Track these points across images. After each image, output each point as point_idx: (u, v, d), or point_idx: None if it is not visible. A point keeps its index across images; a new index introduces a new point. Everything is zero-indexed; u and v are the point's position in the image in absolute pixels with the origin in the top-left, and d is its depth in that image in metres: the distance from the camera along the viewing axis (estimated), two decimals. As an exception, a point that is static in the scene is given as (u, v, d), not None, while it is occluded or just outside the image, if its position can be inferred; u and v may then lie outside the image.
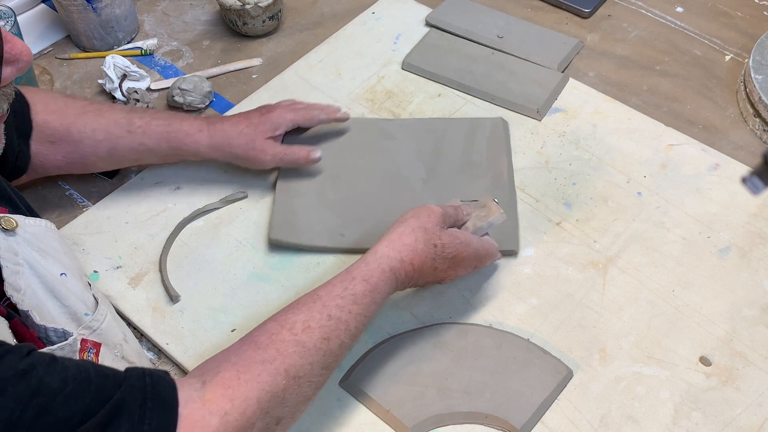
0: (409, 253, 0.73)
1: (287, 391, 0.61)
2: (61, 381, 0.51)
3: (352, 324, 0.67)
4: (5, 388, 0.48)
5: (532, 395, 0.76)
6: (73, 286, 0.68)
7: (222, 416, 0.57)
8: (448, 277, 0.78)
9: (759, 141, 1.01)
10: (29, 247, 0.66)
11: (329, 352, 0.65)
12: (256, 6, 1.11)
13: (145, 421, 0.53)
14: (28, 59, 0.54)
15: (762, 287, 0.85)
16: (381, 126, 1.00)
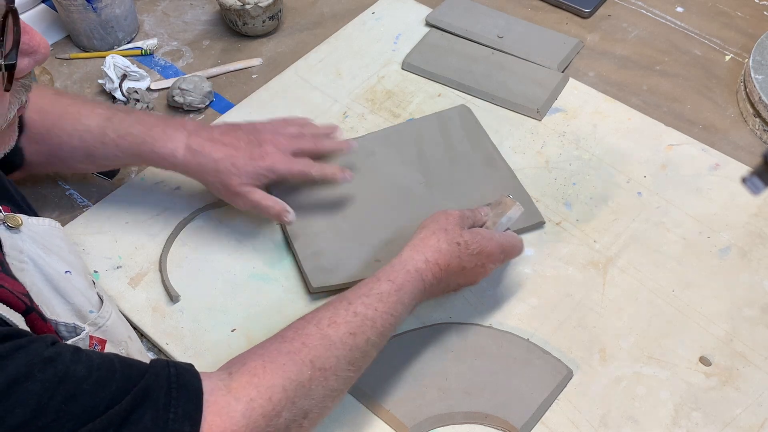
0: (434, 254, 0.74)
1: (313, 382, 0.62)
2: (86, 369, 0.52)
3: (378, 321, 0.68)
4: (32, 373, 0.49)
5: (532, 395, 0.76)
6: (78, 284, 0.68)
7: (248, 402, 0.58)
8: (478, 275, 0.78)
9: (759, 141, 1.01)
10: (34, 244, 0.66)
11: (355, 347, 0.66)
12: (256, 6, 1.11)
13: (171, 408, 0.54)
14: (46, 52, 0.55)
15: (762, 287, 0.85)
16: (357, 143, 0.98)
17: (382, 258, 0.87)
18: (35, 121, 0.84)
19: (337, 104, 1.06)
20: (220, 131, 0.84)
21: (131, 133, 0.82)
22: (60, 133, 0.83)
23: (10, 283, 0.60)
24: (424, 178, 0.95)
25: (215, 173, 0.81)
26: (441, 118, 1.01)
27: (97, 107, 0.84)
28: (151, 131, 0.82)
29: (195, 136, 0.82)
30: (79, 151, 0.84)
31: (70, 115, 0.83)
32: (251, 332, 0.82)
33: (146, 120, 0.83)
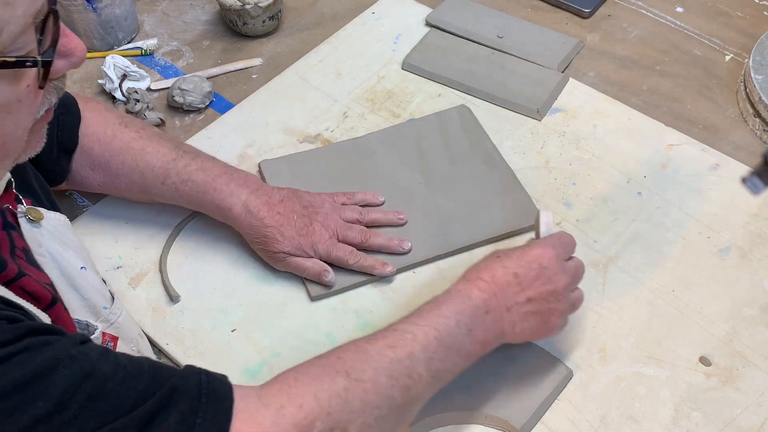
0: (473, 272, 0.71)
1: (349, 393, 0.59)
2: (113, 368, 0.51)
3: (419, 335, 0.64)
4: (57, 368, 0.48)
5: (532, 395, 0.76)
6: (92, 280, 0.69)
7: (278, 409, 0.56)
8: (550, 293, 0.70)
9: (759, 141, 1.01)
10: (53, 239, 0.66)
11: (396, 359, 0.62)
12: (256, 6, 1.11)
13: (198, 413, 0.52)
14: (82, 55, 0.55)
15: (762, 287, 0.85)
16: (357, 144, 0.98)
17: (383, 258, 0.87)
18: (94, 150, 0.83)
19: (337, 104, 1.06)
20: (279, 196, 0.84)
21: (194, 180, 0.82)
22: (120, 167, 0.83)
23: (35, 273, 0.61)
24: (423, 178, 0.95)
25: (262, 237, 0.83)
26: (441, 118, 1.01)
27: (161, 145, 0.83)
28: (214, 182, 0.82)
29: (254, 196, 0.82)
30: (136, 186, 0.84)
31: (133, 151, 0.82)
32: (251, 332, 0.82)
33: (210, 168, 0.83)
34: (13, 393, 0.46)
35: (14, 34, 0.48)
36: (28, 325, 0.51)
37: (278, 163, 0.96)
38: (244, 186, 0.83)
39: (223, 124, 1.03)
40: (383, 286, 0.86)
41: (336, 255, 0.84)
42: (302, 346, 0.81)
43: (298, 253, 0.83)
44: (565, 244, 0.74)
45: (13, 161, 0.56)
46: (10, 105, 0.50)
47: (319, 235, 0.83)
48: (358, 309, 0.84)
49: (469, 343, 0.67)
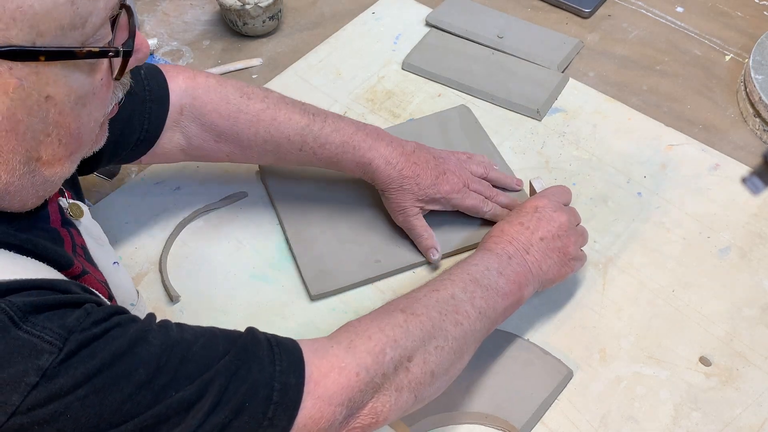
0: (492, 230, 0.79)
1: (409, 323, 0.64)
2: (192, 335, 0.56)
3: (456, 279, 0.71)
4: (148, 338, 0.53)
5: (532, 395, 0.76)
6: (123, 276, 0.71)
7: (348, 342, 0.61)
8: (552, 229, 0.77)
9: (759, 141, 1.01)
10: (88, 235, 0.67)
11: (441, 299, 0.68)
12: (256, 6, 1.11)
13: (276, 362, 0.57)
14: (147, 51, 0.57)
15: (762, 287, 0.85)
16: None
17: (382, 258, 0.87)
18: (219, 125, 0.82)
19: (337, 104, 1.06)
20: (411, 147, 0.86)
21: (332, 142, 0.83)
22: (253, 138, 0.83)
23: (93, 270, 0.63)
24: None
25: (398, 188, 0.85)
26: (441, 118, 1.01)
27: (291, 112, 0.84)
28: (352, 140, 0.84)
29: (391, 148, 0.84)
30: (270, 155, 0.85)
31: (264, 123, 0.83)
32: (251, 332, 0.82)
33: (344, 128, 0.84)
34: (116, 361, 0.50)
35: (96, 25, 0.50)
36: (113, 306, 0.55)
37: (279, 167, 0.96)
38: (379, 140, 0.85)
39: (223, 124, 1.03)
40: (383, 286, 0.86)
41: (470, 203, 0.87)
42: (302, 346, 0.81)
43: (428, 207, 0.86)
44: (554, 193, 0.81)
45: (83, 155, 0.57)
46: (86, 96, 0.52)
47: (453, 184, 0.86)
48: (358, 309, 0.84)
49: (504, 282, 0.73)
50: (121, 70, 0.54)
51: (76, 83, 0.51)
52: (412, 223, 0.86)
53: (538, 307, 0.84)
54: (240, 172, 0.96)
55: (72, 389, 0.48)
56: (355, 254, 0.87)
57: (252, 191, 0.95)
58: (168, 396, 0.52)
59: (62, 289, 0.52)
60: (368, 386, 0.60)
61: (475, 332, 0.69)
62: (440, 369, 0.65)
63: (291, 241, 0.89)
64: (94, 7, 0.49)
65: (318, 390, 0.58)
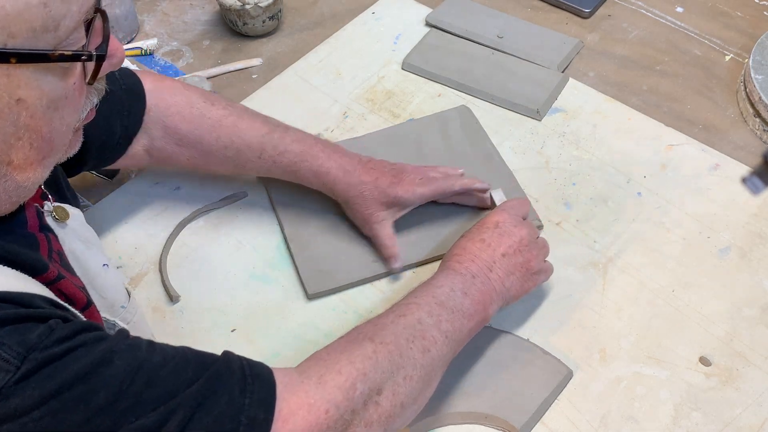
0: (446, 255, 0.77)
1: (378, 354, 0.63)
2: (162, 358, 0.54)
3: (422, 303, 0.70)
4: (113, 359, 0.51)
5: (532, 395, 0.76)
6: (113, 278, 0.70)
7: (318, 377, 0.60)
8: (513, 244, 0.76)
9: (759, 141, 1.01)
10: (76, 238, 0.67)
11: (408, 325, 0.67)
12: (256, 6, 1.11)
13: (246, 394, 0.55)
14: (122, 56, 0.57)
15: (762, 287, 0.85)
16: (357, 145, 0.98)
17: (379, 259, 0.87)
18: (182, 129, 0.83)
19: (337, 104, 1.06)
20: (366, 158, 0.87)
21: (291, 150, 0.85)
22: (213, 143, 0.84)
23: (70, 276, 0.61)
24: None
25: (359, 195, 0.85)
26: (441, 119, 1.01)
27: (253, 121, 0.85)
28: (311, 150, 0.85)
29: (347, 158, 0.86)
30: (231, 161, 0.86)
31: (226, 128, 0.84)
32: (251, 332, 0.82)
33: (304, 139, 0.86)
34: (76, 383, 0.49)
35: (69, 29, 0.49)
36: (80, 323, 0.53)
37: None
38: (336, 152, 0.86)
39: (223, 124, 1.03)
40: (383, 286, 0.86)
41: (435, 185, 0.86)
42: (302, 346, 0.81)
43: (391, 213, 0.86)
44: (513, 207, 0.81)
45: (56, 160, 0.57)
46: (59, 100, 0.51)
47: (412, 177, 0.86)
48: (358, 309, 0.84)
49: (469, 303, 0.72)
50: (94, 75, 0.53)
51: (48, 87, 0.50)
52: (376, 230, 0.86)
53: (538, 307, 0.84)
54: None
55: (27, 411, 0.47)
56: (352, 254, 0.87)
57: (252, 191, 0.95)
58: (128, 422, 0.50)
59: (26, 303, 0.50)
60: (337, 423, 0.59)
61: (442, 357, 0.68)
62: (409, 399, 0.64)
63: (289, 240, 0.89)
64: (68, 10, 0.48)
65: (286, 427, 0.56)
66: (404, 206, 0.86)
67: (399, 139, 0.99)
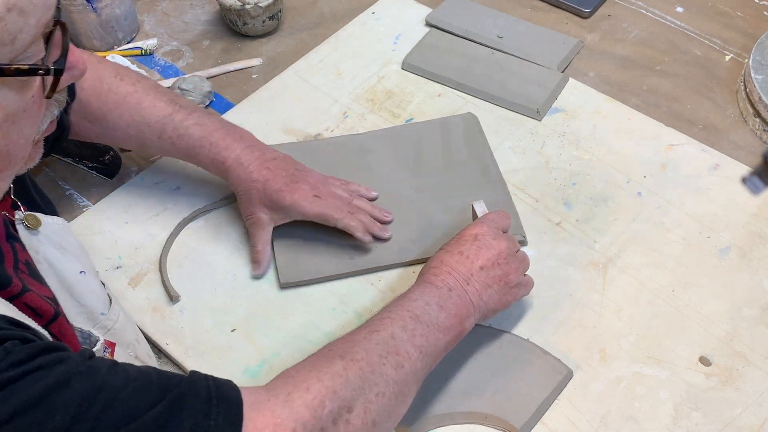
0: (425, 267, 0.76)
1: (349, 371, 0.62)
2: (123, 380, 0.52)
3: (396, 317, 0.68)
4: (70, 382, 0.49)
5: (532, 395, 0.76)
6: (91, 285, 0.68)
7: (286, 395, 0.58)
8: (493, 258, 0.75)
9: (759, 141, 1.01)
10: (50, 245, 0.66)
11: (381, 341, 0.66)
12: (256, 6, 1.11)
13: (211, 416, 0.53)
14: (84, 68, 0.56)
15: (762, 287, 0.85)
16: (357, 142, 0.99)
17: (355, 256, 0.87)
18: (91, 102, 0.84)
19: (337, 104, 1.06)
20: (272, 155, 0.86)
21: (190, 134, 0.84)
22: (117, 121, 0.84)
23: (37, 287, 0.60)
24: (416, 182, 0.94)
25: (245, 192, 0.84)
26: (444, 124, 1.01)
27: (158, 100, 0.85)
28: (210, 136, 0.84)
29: (248, 150, 0.84)
30: (133, 139, 0.86)
31: (129, 105, 0.84)
32: (251, 332, 0.82)
33: (207, 124, 0.85)
34: (31, 408, 0.47)
35: (26, 42, 0.48)
36: (40, 344, 0.51)
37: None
38: (239, 141, 0.85)
39: (223, 124, 1.03)
40: (383, 286, 0.86)
41: (316, 210, 0.84)
42: (302, 346, 0.81)
43: (274, 217, 0.85)
44: (493, 219, 0.79)
45: (15, 172, 0.56)
46: (16, 114, 0.51)
47: (303, 192, 0.84)
48: (358, 309, 0.84)
49: (444, 317, 0.71)
50: (52, 88, 0.52)
51: (5, 101, 0.49)
52: (252, 230, 0.86)
53: (538, 308, 0.84)
54: (240, 172, 0.96)
55: None
56: (330, 248, 0.88)
57: (252, 191, 0.95)
58: None
59: None
60: None
61: (416, 372, 0.67)
62: (382, 416, 0.63)
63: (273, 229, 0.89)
64: (24, 23, 0.47)
65: None
66: (287, 215, 0.85)
67: (399, 140, 0.99)
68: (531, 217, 0.92)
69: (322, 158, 0.96)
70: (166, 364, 0.82)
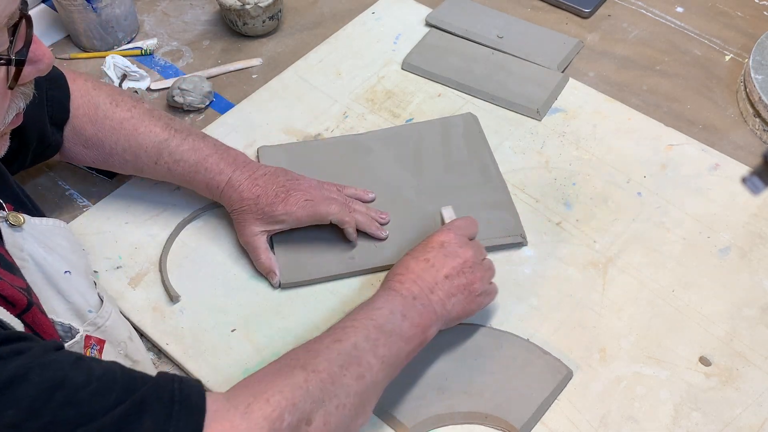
0: (390, 273, 0.75)
1: (309, 383, 0.61)
2: (86, 377, 0.51)
3: (359, 326, 0.68)
4: (28, 376, 0.49)
5: (532, 395, 0.76)
6: (78, 284, 0.69)
7: (246, 407, 0.58)
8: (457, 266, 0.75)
9: (759, 141, 1.01)
10: (35, 242, 0.66)
11: (344, 351, 0.65)
12: (256, 6, 1.11)
13: (172, 421, 0.53)
14: (50, 62, 0.56)
15: (762, 287, 0.85)
16: (357, 142, 0.99)
17: (357, 256, 0.87)
18: (87, 130, 0.84)
19: (337, 104, 1.06)
20: (263, 171, 0.85)
21: (185, 160, 0.85)
22: (113, 146, 0.85)
23: (10, 277, 0.60)
24: (416, 181, 0.94)
25: (239, 210, 0.85)
26: (445, 124, 1.01)
27: (153, 125, 0.85)
28: (205, 161, 0.85)
29: (239, 172, 0.85)
30: (130, 165, 0.87)
31: (126, 131, 0.84)
32: (251, 332, 0.82)
33: (201, 149, 0.85)
34: None
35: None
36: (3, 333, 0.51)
37: (276, 150, 0.97)
38: (232, 164, 0.85)
39: (223, 124, 1.03)
40: (383, 286, 0.86)
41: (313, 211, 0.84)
42: (302, 346, 0.81)
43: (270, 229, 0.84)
44: (460, 226, 0.79)
45: None
46: None
47: (295, 199, 0.83)
48: (358, 309, 0.84)
49: (408, 326, 0.70)
50: (15, 78, 0.52)
51: None
52: (252, 243, 0.85)
53: (538, 307, 0.84)
54: (240, 172, 0.97)
55: None
56: (330, 248, 0.88)
57: (252, 191, 0.95)
58: None
59: None
60: None
61: (377, 383, 0.66)
62: (341, 428, 0.62)
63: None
64: None
65: None
66: (284, 225, 0.85)
67: (399, 140, 0.99)
68: (531, 217, 0.92)
69: (322, 158, 0.97)
70: (166, 364, 0.82)
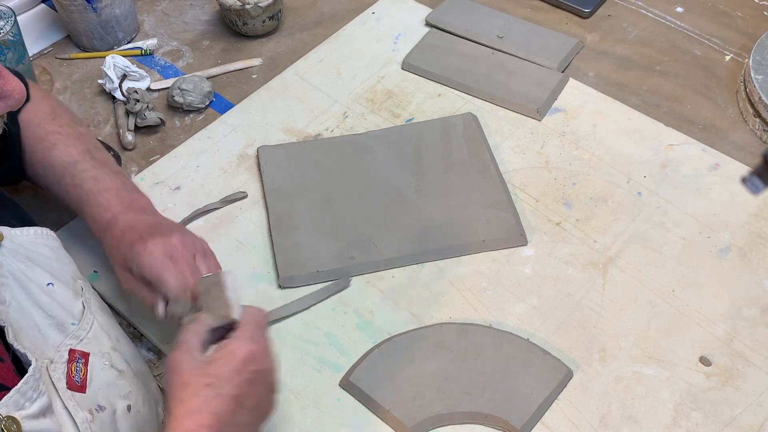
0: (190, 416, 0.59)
1: None
2: None
3: None
4: None
5: (532, 395, 0.76)
6: (60, 296, 0.67)
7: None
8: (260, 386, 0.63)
9: (759, 141, 1.01)
10: (14, 258, 0.65)
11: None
12: (256, 6, 1.11)
13: None
14: (20, 97, 0.54)
15: (762, 287, 0.85)
16: (356, 141, 0.99)
17: (356, 255, 0.87)
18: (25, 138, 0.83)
19: (337, 104, 1.06)
20: (152, 214, 0.80)
21: (82, 186, 0.79)
22: (32, 155, 0.82)
23: None
24: (415, 181, 0.94)
25: (107, 251, 0.78)
26: (445, 124, 1.01)
27: (73, 146, 0.81)
28: (99, 195, 0.78)
29: (120, 209, 0.78)
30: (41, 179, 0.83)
31: (45, 145, 0.81)
32: (251, 332, 0.82)
33: (105, 181, 0.79)
34: None
35: None
36: None
37: (276, 150, 0.98)
38: (122, 202, 0.78)
39: (223, 124, 1.03)
40: (384, 286, 0.86)
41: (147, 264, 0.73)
42: (302, 346, 0.81)
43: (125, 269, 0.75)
44: (260, 324, 0.66)
45: None
46: None
47: (156, 247, 0.73)
48: (358, 309, 0.84)
49: None
50: None
51: None
52: (124, 285, 0.76)
53: (538, 307, 0.84)
54: (240, 171, 0.96)
55: None
56: (330, 249, 0.88)
57: (252, 191, 0.95)
58: None
59: None
60: None
61: None
62: None
63: (272, 225, 0.90)
64: None
65: None
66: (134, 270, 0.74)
67: (399, 140, 0.99)
68: (531, 217, 0.92)
69: (322, 158, 0.97)
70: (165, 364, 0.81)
